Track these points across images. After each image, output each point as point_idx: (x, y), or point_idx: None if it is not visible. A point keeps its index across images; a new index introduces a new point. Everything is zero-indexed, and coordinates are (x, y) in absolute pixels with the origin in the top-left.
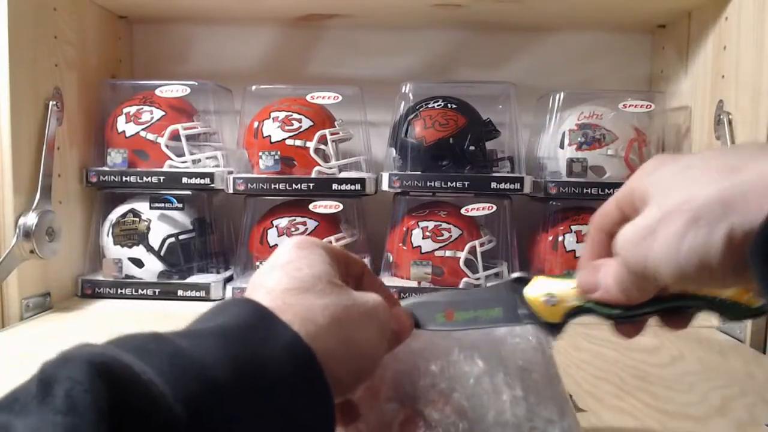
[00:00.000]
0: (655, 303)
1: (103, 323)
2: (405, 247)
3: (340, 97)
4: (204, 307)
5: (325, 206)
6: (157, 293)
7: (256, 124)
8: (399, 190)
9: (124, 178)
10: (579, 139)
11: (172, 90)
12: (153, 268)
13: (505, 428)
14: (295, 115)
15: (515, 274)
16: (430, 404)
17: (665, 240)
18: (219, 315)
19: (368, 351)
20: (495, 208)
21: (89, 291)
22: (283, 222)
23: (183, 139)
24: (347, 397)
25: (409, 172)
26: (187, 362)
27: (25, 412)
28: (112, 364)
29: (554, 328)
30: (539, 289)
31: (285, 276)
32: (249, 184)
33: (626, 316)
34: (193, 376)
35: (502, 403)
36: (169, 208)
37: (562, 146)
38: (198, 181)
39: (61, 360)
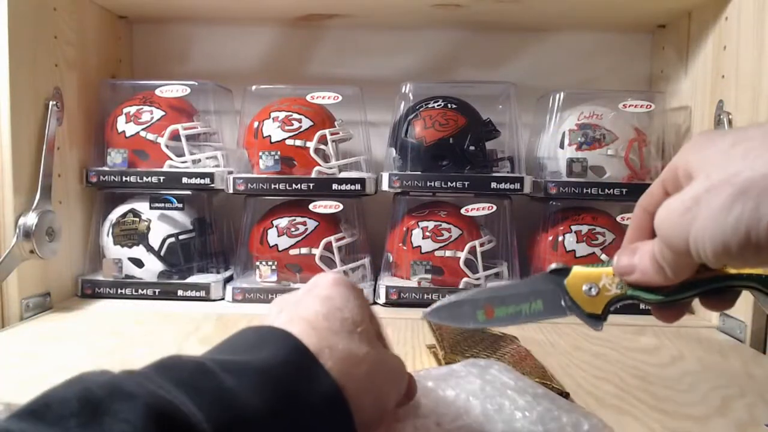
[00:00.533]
0: (697, 285)
1: (103, 323)
2: (405, 247)
3: (340, 97)
4: (203, 307)
5: (325, 206)
6: (157, 293)
7: (256, 124)
8: (399, 190)
9: (124, 178)
10: (579, 139)
11: (172, 90)
12: (153, 268)
13: None
14: (295, 115)
15: (553, 266)
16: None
17: (710, 212)
18: (261, 347)
19: (384, 409)
20: (495, 208)
21: (89, 291)
22: (283, 222)
23: (183, 139)
24: None
25: (409, 172)
26: (234, 407)
27: (61, 426)
28: (167, 411)
29: (597, 319)
30: (579, 280)
31: (327, 312)
32: (249, 184)
33: (667, 302)
34: (239, 420)
35: (507, 415)
36: (169, 208)
37: (562, 146)
38: (198, 181)
39: (115, 390)
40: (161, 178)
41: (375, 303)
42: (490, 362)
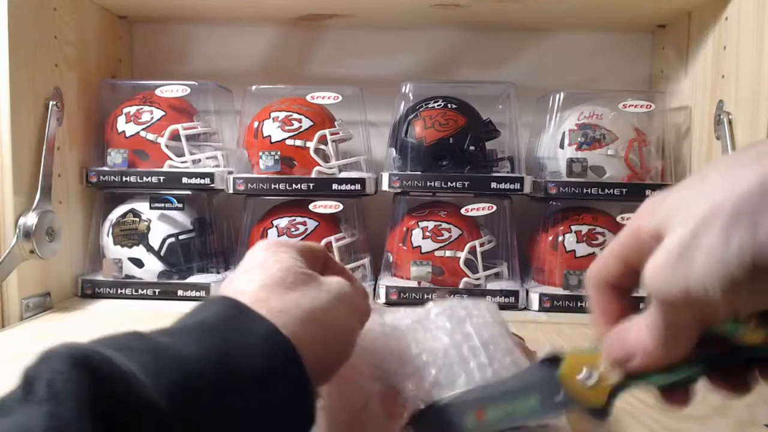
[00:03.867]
0: (705, 360)
1: (103, 323)
2: (405, 247)
3: (340, 97)
4: None
5: (325, 206)
6: (157, 293)
7: (256, 124)
8: (399, 190)
9: (124, 178)
10: (579, 139)
11: (172, 90)
12: (153, 268)
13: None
14: (295, 115)
15: (545, 354)
16: (406, 378)
17: (707, 249)
18: (199, 313)
19: (343, 332)
20: (495, 208)
21: (89, 291)
22: (283, 222)
23: (183, 139)
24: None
25: (409, 172)
26: (168, 356)
27: (10, 412)
28: (92, 356)
29: (601, 413)
30: (574, 368)
31: (257, 276)
32: (249, 184)
33: (677, 381)
34: (174, 368)
35: (470, 370)
36: (169, 208)
37: (562, 146)
38: (198, 181)
39: (42, 358)
40: (161, 178)
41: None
42: (467, 309)
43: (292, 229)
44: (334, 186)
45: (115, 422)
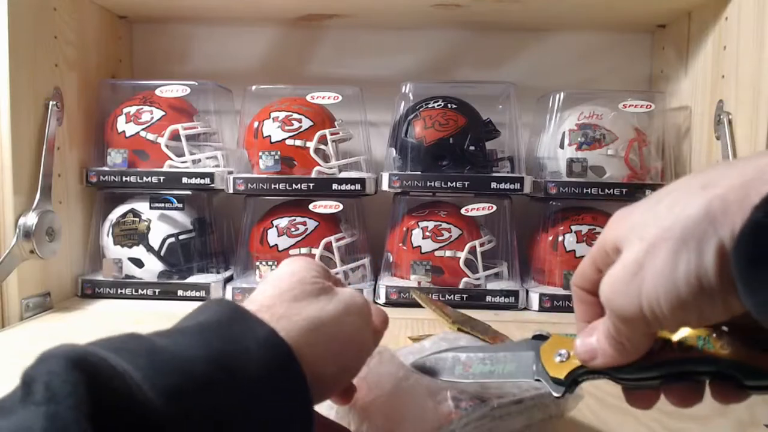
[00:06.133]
0: (661, 365)
1: (103, 323)
2: (405, 247)
3: (340, 97)
4: None
5: (325, 206)
6: (157, 293)
7: (256, 124)
8: (399, 190)
9: (124, 178)
10: (579, 139)
11: (172, 90)
12: (153, 268)
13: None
14: (295, 115)
15: (536, 332)
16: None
17: (657, 269)
18: (198, 314)
19: (351, 344)
20: (495, 208)
21: (89, 291)
22: (283, 222)
23: (183, 139)
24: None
25: (409, 172)
26: (165, 357)
27: (9, 413)
28: (89, 357)
29: (559, 384)
30: (554, 347)
31: (268, 286)
32: (249, 184)
33: (632, 380)
34: (170, 369)
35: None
36: (169, 208)
37: (562, 146)
38: (198, 181)
39: (39, 359)
40: (161, 178)
41: (375, 303)
42: (458, 335)
43: (292, 229)
44: (334, 186)
45: (111, 422)
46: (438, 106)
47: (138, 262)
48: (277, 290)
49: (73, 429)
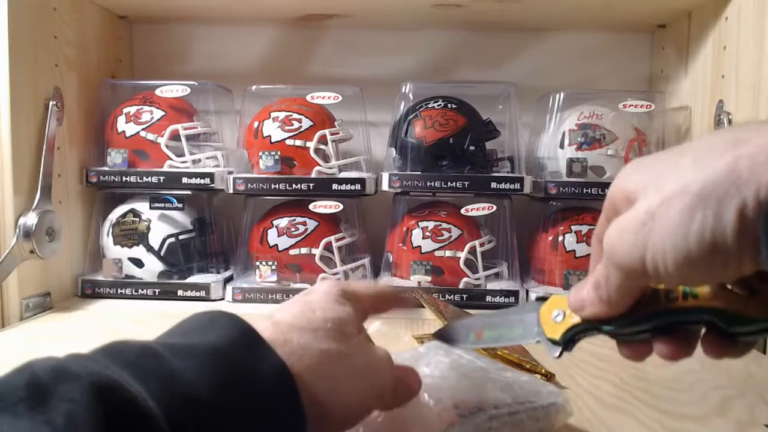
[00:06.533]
0: (651, 318)
1: (103, 323)
2: (405, 247)
3: (340, 97)
4: (203, 307)
5: (325, 206)
6: (157, 293)
7: (256, 124)
8: (399, 190)
9: (124, 178)
10: (579, 139)
11: (172, 90)
12: (153, 268)
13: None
14: (295, 115)
15: (539, 295)
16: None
17: (669, 223)
18: (209, 330)
19: (353, 404)
20: (495, 208)
21: (89, 291)
22: (283, 222)
23: (183, 139)
24: None
25: (409, 172)
26: (179, 384)
27: (11, 412)
28: (112, 388)
29: (554, 344)
30: (552, 307)
31: (297, 312)
32: (249, 184)
33: (624, 334)
34: (183, 398)
35: (479, 384)
36: (169, 208)
37: (562, 146)
38: (198, 181)
39: (60, 373)
40: (161, 178)
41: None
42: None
43: (292, 229)
44: (334, 186)
45: None
46: (438, 106)
47: (138, 262)
48: (303, 321)
49: None
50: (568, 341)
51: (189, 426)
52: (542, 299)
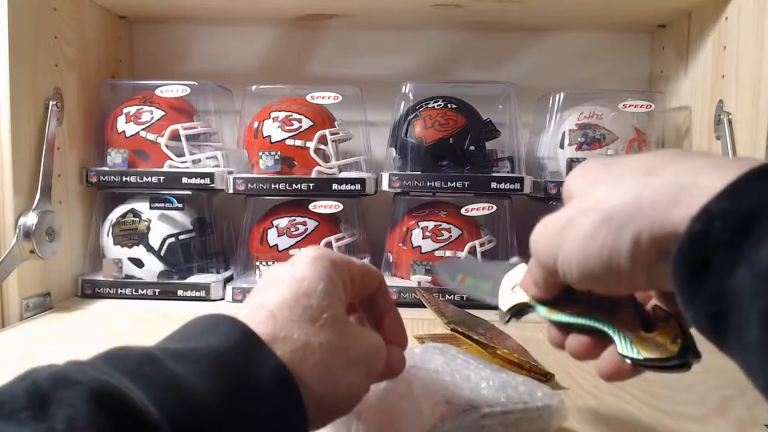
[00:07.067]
0: (568, 314)
1: (103, 323)
2: (405, 247)
3: (340, 97)
4: (203, 307)
5: (325, 206)
6: (157, 293)
7: (256, 124)
8: (399, 190)
9: (124, 178)
10: (579, 139)
11: (172, 90)
12: (153, 268)
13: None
14: (295, 115)
15: (515, 259)
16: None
17: (578, 234)
18: (209, 334)
19: (348, 395)
20: (495, 208)
21: (89, 291)
22: (283, 222)
23: (183, 139)
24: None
25: (409, 172)
26: (180, 390)
27: (15, 420)
28: (113, 393)
29: (504, 315)
30: (515, 277)
31: (292, 301)
32: (249, 184)
33: (552, 321)
34: (185, 404)
35: (473, 383)
36: (169, 208)
37: (562, 146)
38: (198, 181)
39: (60, 380)
40: (161, 178)
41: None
42: (448, 346)
43: (292, 229)
44: (334, 186)
45: None
46: (438, 106)
47: (138, 262)
48: (299, 311)
49: None
50: (516, 313)
51: (192, 431)
52: (512, 264)
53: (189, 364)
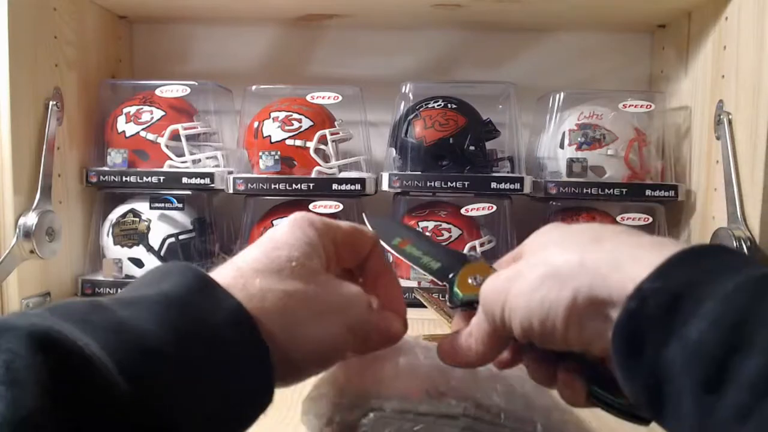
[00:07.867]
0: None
1: None
2: None
3: (340, 97)
4: None
5: (325, 206)
6: None
7: (256, 124)
8: (399, 190)
9: (124, 178)
10: (579, 139)
11: (172, 90)
12: None
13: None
14: (295, 115)
15: (476, 254)
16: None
17: (523, 287)
18: (161, 281)
19: (322, 346)
20: (495, 208)
21: (89, 291)
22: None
23: (183, 139)
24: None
25: (409, 172)
26: (129, 334)
27: None
28: (52, 336)
29: (456, 300)
30: (476, 270)
31: (260, 255)
32: (249, 184)
33: None
34: (135, 347)
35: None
36: (169, 208)
37: (562, 146)
38: (198, 181)
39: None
40: (161, 178)
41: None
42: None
43: None
44: (334, 186)
45: (75, 406)
46: (438, 106)
47: (138, 262)
48: (265, 263)
49: (37, 417)
50: (465, 304)
51: (145, 376)
52: (471, 258)
53: (137, 310)
